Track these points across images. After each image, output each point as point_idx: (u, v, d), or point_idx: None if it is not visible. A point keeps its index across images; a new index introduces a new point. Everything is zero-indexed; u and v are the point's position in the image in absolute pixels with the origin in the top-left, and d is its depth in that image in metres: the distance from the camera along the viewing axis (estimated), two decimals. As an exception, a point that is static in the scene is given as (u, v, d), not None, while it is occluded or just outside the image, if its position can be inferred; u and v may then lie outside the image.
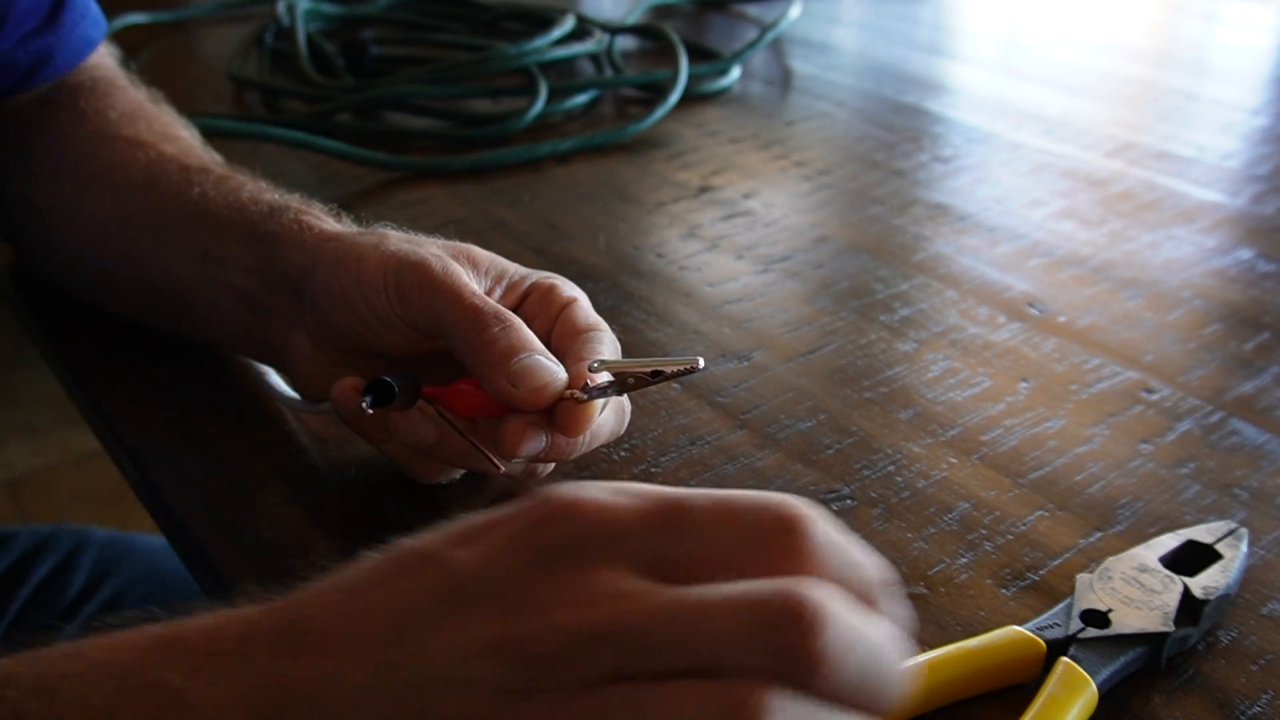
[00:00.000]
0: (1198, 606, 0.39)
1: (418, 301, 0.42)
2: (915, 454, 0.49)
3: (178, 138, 0.57)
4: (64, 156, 0.56)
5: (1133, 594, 0.40)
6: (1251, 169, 0.80)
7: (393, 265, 0.43)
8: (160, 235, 0.52)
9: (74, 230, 0.56)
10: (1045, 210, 0.72)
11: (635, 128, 0.82)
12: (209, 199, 0.50)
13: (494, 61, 0.85)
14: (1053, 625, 0.39)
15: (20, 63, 0.57)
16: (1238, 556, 0.42)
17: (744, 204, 0.73)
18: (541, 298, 0.45)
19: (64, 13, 0.58)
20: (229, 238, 0.49)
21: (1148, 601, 0.39)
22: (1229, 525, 0.43)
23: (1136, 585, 0.40)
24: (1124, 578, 0.40)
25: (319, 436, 0.50)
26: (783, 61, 1.03)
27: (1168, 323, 0.60)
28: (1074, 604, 0.39)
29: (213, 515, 0.45)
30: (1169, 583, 0.40)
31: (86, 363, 0.56)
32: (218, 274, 0.49)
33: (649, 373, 0.40)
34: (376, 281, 0.43)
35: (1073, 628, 0.38)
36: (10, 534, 0.77)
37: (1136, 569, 0.41)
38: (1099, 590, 0.40)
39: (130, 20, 1.02)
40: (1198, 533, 0.43)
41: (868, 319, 0.60)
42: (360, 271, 0.43)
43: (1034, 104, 0.92)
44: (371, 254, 0.44)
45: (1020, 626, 0.38)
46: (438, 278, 0.42)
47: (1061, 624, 0.39)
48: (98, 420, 0.53)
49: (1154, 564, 0.41)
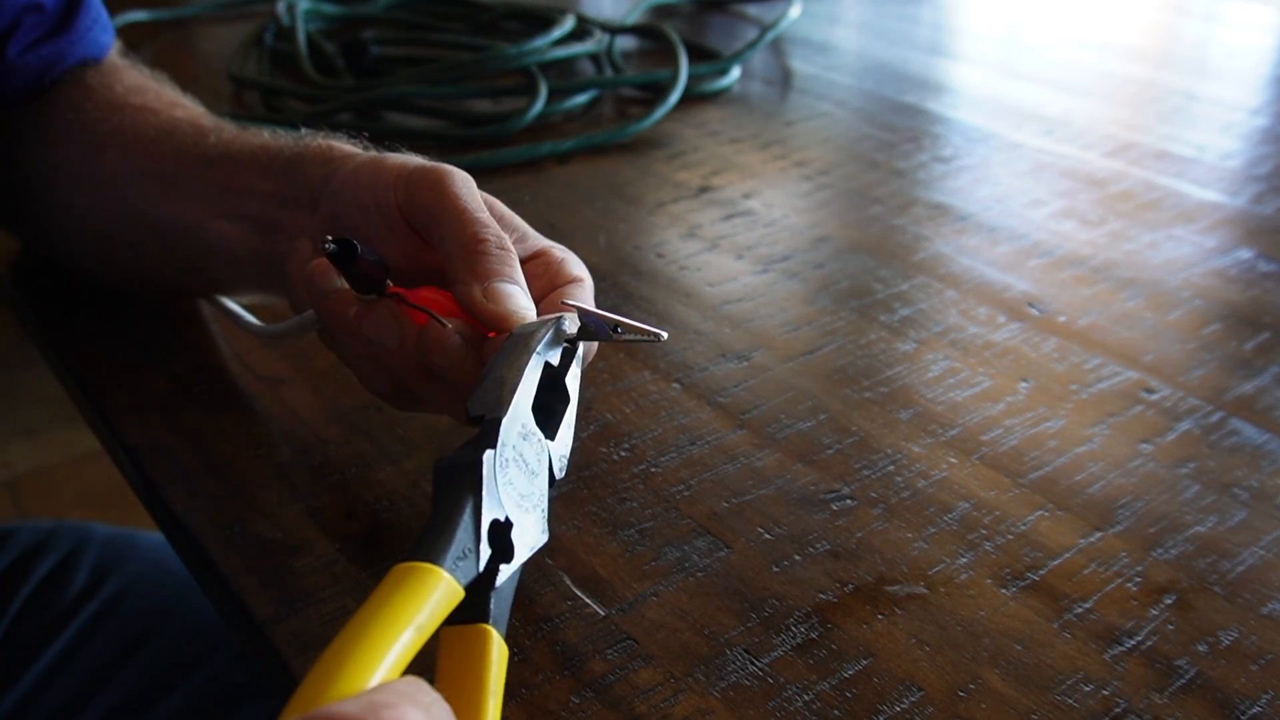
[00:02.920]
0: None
1: (423, 200, 0.43)
2: (915, 454, 0.49)
3: (186, 105, 0.58)
4: (73, 125, 0.57)
5: (521, 483, 0.35)
6: (1251, 169, 0.80)
7: (411, 167, 0.44)
8: (173, 182, 0.53)
9: (83, 191, 0.57)
10: (1045, 210, 0.73)
11: (635, 128, 0.82)
12: (226, 144, 0.52)
13: (494, 61, 0.85)
14: (465, 553, 0.32)
15: (32, 66, 0.57)
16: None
17: (744, 204, 0.73)
18: (548, 266, 0.45)
19: (76, 18, 0.58)
20: (249, 170, 0.50)
21: (531, 493, 0.36)
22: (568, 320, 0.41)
23: (522, 465, 0.36)
24: (515, 453, 0.36)
25: (319, 436, 0.50)
26: (783, 61, 1.03)
27: (1168, 323, 0.60)
28: (483, 502, 0.34)
29: (213, 515, 0.45)
30: (540, 455, 0.37)
31: (86, 363, 0.56)
32: (233, 204, 0.51)
33: (611, 325, 0.40)
34: (390, 177, 0.44)
35: (484, 558, 0.33)
36: (10, 531, 0.77)
37: (520, 432, 0.36)
38: (501, 478, 0.35)
39: (130, 18, 1.02)
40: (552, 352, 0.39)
41: (868, 319, 0.60)
42: (378, 171, 0.45)
43: (1034, 104, 0.92)
44: (393, 160, 0.45)
45: (434, 564, 0.31)
46: (449, 185, 0.43)
47: (471, 546, 0.33)
48: (98, 420, 0.53)
49: (529, 422, 0.37)
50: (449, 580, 0.31)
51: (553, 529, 0.38)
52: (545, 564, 0.43)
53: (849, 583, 0.42)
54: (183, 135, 0.54)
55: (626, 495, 0.46)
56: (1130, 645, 0.40)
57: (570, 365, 0.41)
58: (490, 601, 0.33)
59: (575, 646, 0.39)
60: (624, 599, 0.41)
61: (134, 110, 0.56)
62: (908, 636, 0.40)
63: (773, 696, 0.37)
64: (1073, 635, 0.40)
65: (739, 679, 0.38)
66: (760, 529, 0.45)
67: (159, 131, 0.55)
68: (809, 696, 0.37)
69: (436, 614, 0.30)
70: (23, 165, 0.59)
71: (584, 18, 0.96)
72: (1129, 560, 0.43)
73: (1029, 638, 0.40)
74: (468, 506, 0.33)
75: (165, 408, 0.52)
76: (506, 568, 0.34)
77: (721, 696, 0.37)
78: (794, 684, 0.38)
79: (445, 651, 0.32)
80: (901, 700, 0.37)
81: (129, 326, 0.58)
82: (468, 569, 0.32)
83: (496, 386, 0.37)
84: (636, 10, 1.07)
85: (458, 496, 0.34)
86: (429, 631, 0.29)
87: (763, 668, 0.38)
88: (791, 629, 0.40)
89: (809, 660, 0.39)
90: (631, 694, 0.37)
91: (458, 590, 0.31)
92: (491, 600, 0.33)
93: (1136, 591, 0.42)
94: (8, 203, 0.62)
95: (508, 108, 0.84)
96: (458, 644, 0.32)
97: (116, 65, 0.61)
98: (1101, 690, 0.38)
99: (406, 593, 0.30)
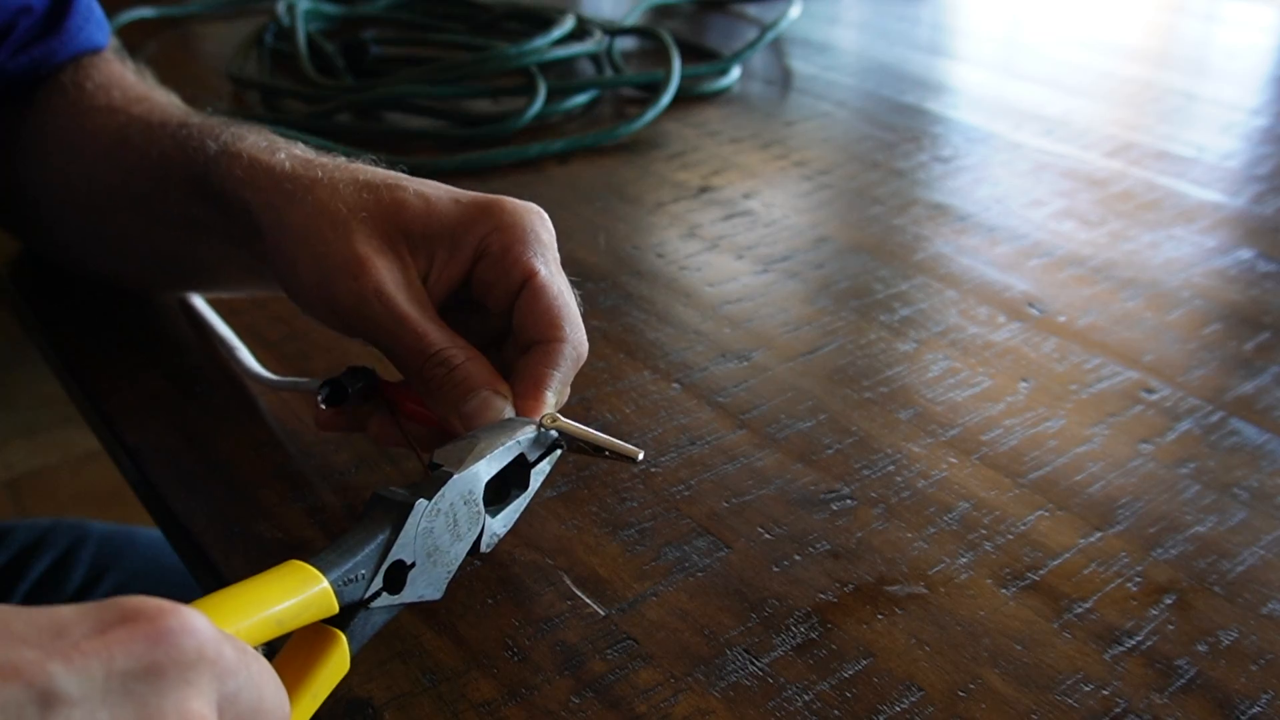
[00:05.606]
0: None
1: (357, 326, 0.42)
2: (915, 454, 0.49)
3: (146, 98, 0.55)
4: (48, 133, 0.57)
5: (440, 538, 0.37)
6: (1251, 169, 0.80)
7: (323, 280, 0.41)
8: (141, 205, 0.52)
9: (69, 205, 0.57)
10: (1045, 210, 0.72)
11: (628, 128, 0.82)
12: (168, 159, 0.49)
13: (494, 61, 0.85)
14: (357, 577, 0.34)
15: (23, 66, 0.57)
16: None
17: (744, 204, 0.73)
18: (496, 263, 0.42)
19: (66, 17, 0.58)
20: (193, 196, 0.48)
21: (445, 552, 0.37)
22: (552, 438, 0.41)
23: (450, 523, 0.37)
24: (449, 510, 0.37)
25: (319, 436, 0.50)
26: (783, 61, 1.03)
27: (1168, 323, 0.60)
28: (396, 542, 0.35)
29: (213, 515, 0.45)
30: (473, 523, 0.38)
31: (86, 363, 0.56)
32: (203, 234, 0.49)
33: (591, 446, 0.41)
34: (312, 296, 0.42)
35: (373, 588, 0.34)
36: (9, 528, 0.77)
37: (464, 495, 0.38)
38: (424, 526, 0.36)
39: (132, 16, 1.02)
40: (526, 442, 0.40)
41: (868, 319, 0.60)
42: (298, 279, 0.42)
43: (1034, 104, 0.92)
44: (303, 259, 0.42)
45: (322, 574, 0.33)
46: (374, 305, 0.41)
47: (366, 574, 0.34)
48: (98, 420, 0.53)
49: (478, 491, 0.38)
50: (327, 592, 0.32)
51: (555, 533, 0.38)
52: (545, 564, 0.43)
53: (849, 583, 0.42)
54: (133, 146, 0.51)
55: (626, 495, 0.46)
56: (1130, 645, 0.40)
57: (542, 461, 0.41)
58: (356, 616, 0.34)
59: (575, 646, 0.39)
60: (624, 599, 0.41)
61: (97, 112, 0.55)
62: (908, 636, 0.40)
63: (773, 696, 0.37)
64: (1073, 635, 0.40)
65: (739, 679, 0.38)
66: (760, 529, 0.45)
67: (113, 141, 0.53)
68: (809, 696, 0.37)
69: (301, 615, 0.31)
70: (17, 170, 0.59)
71: (584, 18, 0.96)
72: (1129, 560, 0.43)
73: (1029, 638, 0.40)
74: (380, 539, 0.35)
75: (165, 408, 0.52)
76: (388, 597, 0.35)
77: (721, 696, 0.37)
78: (794, 684, 0.38)
79: (295, 639, 0.34)
80: (901, 700, 0.37)
81: (129, 326, 0.58)
82: (352, 591, 0.34)
83: (465, 449, 0.38)
84: (636, 10, 1.07)
85: (377, 527, 0.35)
86: (288, 627, 0.31)
87: (763, 668, 0.38)
88: (791, 629, 0.40)
89: (809, 660, 0.39)
90: (631, 694, 0.37)
91: (332, 605, 0.32)
92: (358, 616, 0.34)
93: (1136, 591, 0.42)
94: (6, 205, 0.62)
95: (507, 108, 0.84)
96: (309, 636, 0.33)
97: (95, 60, 0.59)
98: (1101, 690, 0.38)
99: (283, 585, 0.31)
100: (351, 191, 0.43)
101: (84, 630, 0.23)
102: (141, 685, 0.23)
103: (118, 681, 0.23)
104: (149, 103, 0.55)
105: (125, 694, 0.23)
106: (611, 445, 0.41)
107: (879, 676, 0.38)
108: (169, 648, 0.24)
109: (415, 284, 0.42)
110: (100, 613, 0.24)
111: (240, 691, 0.26)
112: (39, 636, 0.23)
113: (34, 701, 0.22)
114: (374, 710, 0.36)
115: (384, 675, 0.38)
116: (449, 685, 0.37)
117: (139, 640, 0.24)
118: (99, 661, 0.23)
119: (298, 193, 0.43)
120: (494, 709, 0.36)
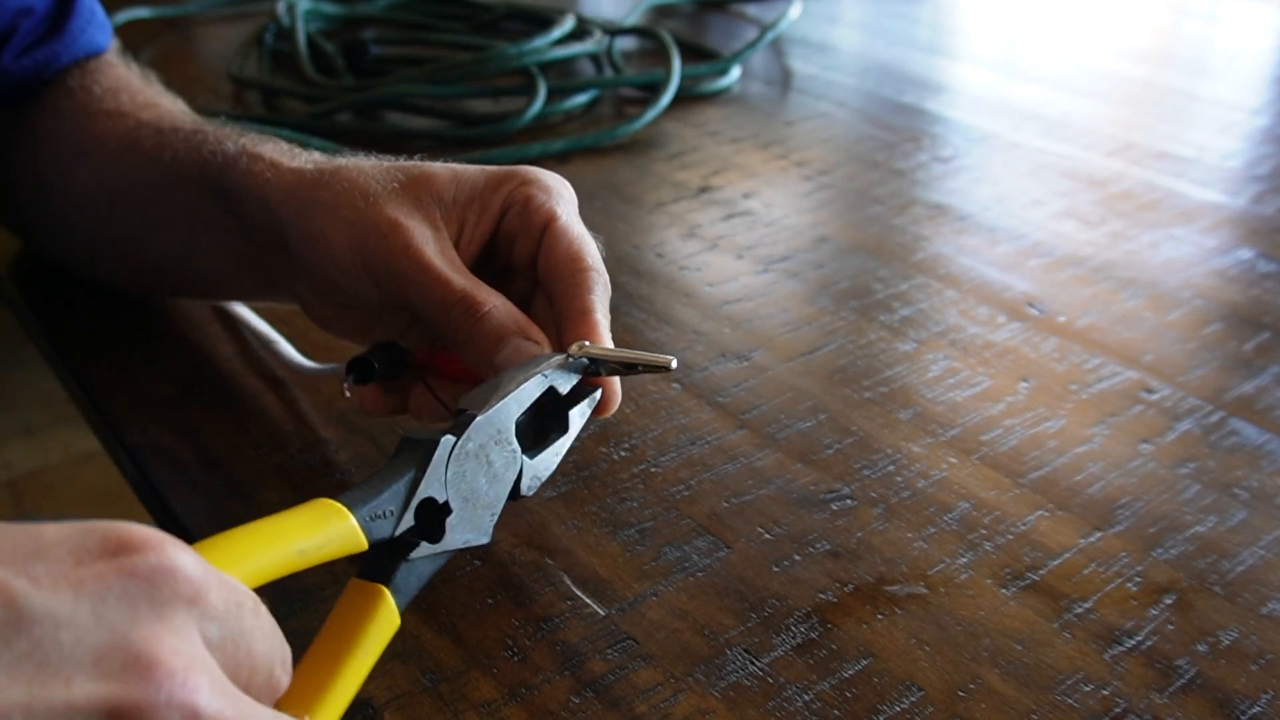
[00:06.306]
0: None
1: (387, 285, 0.42)
2: (915, 454, 0.49)
3: (155, 104, 0.56)
4: (53, 136, 0.57)
5: (476, 479, 0.36)
6: (1251, 169, 0.80)
7: (356, 242, 0.42)
8: (146, 207, 0.52)
9: (71, 208, 0.56)
10: (1045, 210, 0.72)
11: (628, 128, 0.82)
12: (180, 161, 0.50)
13: (494, 61, 0.85)
14: (385, 514, 0.34)
15: (26, 69, 0.57)
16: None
17: (744, 204, 0.73)
18: (520, 213, 0.44)
19: (69, 20, 0.58)
20: (204, 196, 0.49)
21: (483, 494, 0.37)
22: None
23: (483, 464, 0.37)
24: (480, 450, 0.37)
25: (319, 436, 0.50)
26: (783, 61, 1.03)
27: (1168, 323, 0.60)
28: (424, 478, 0.35)
29: (213, 515, 0.45)
30: (509, 465, 0.38)
31: (86, 363, 0.56)
32: (209, 236, 0.49)
33: (623, 364, 0.41)
34: (344, 262, 0.43)
35: (403, 525, 0.34)
36: None
37: (494, 435, 0.37)
38: (455, 466, 0.36)
39: (131, 15, 1.02)
40: (558, 377, 0.40)
41: (868, 319, 0.60)
42: (329, 247, 0.43)
43: (1034, 104, 0.92)
44: (334, 227, 0.43)
45: (348, 510, 0.32)
46: (403, 260, 0.41)
47: (394, 511, 0.34)
48: (98, 420, 0.53)
49: (508, 430, 0.38)
50: (353, 526, 0.32)
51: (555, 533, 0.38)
52: (545, 564, 0.43)
53: (849, 583, 0.42)
54: (143, 150, 0.52)
55: (626, 495, 0.46)
56: (1130, 645, 0.40)
57: (580, 402, 0.41)
58: (398, 569, 0.34)
59: (575, 646, 0.39)
60: (624, 599, 0.41)
61: (105, 116, 0.55)
62: (908, 636, 0.40)
63: (773, 696, 0.37)
64: (1073, 635, 0.40)
65: (739, 679, 0.38)
66: (760, 529, 0.45)
67: (121, 145, 0.53)
68: (809, 696, 0.37)
69: (327, 548, 0.31)
70: (20, 171, 0.59)
71: (584, 18, 0.96)
72: (1129, 560, 0.43)
73: (1029, 638, 0.40)
74: (407, 477, 0.35)
75: (165, 408, 0.52)
76: (429, 546, 0.35)
77: (721, 696, 0.37)
78: (794, 684, 0.38)
79: (342, 599, 0.34)
80: (901, 700, 0.37)
81: (129, 326, 0.58)
82: (381, 528, 0.33)
83: (490, 389, 0.38)
84: (636, 10, 1.07)
85: (404, 466, 0.35)
86: (313, 560, 0.31)
87: (763, 668, 0.38)
88: (791, 629, 0.40)
89: (809, 660, 0.39)
90: (631, 694, 0.37)
91: (359, 540, 0.32)
92: (400, 568, 0.34)
93: (1136, 591, 0.42)
94: (9, 205, 0.62)
95: (507, 108, 0.84)
96: (354, 595, 0.34)
97: (101, 64, 0.59)
98: (1101, 690, 0.38)
99: (308, 519, 0.31)
100: (379, 171, 0.44)
101: (61, 553, 0.24)
102: (111, 613, 0.23)
103: (87, 607, 0.23)
104: (159, 109, 0.55)
105: (95, 619, 0.23)
106: (643, 359, 0.41)
107: (879, 676, 0.38)
108: (143, 581, 0.24)
109: (447, 244, 0.43)
110: (84, 538, 0.24)
111: (226, 637, 0.26)
112: (14, 555, 0.23)
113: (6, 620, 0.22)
114: (374, 710, 0.36)
115: (384, 675, 0.38)
116: (449, 685, 0.37)
117: (114, 573, 0.24)
118: (68, 585, 0.23)
119: (324, 178, 0.44)
120: (494, 709, 0.36)
